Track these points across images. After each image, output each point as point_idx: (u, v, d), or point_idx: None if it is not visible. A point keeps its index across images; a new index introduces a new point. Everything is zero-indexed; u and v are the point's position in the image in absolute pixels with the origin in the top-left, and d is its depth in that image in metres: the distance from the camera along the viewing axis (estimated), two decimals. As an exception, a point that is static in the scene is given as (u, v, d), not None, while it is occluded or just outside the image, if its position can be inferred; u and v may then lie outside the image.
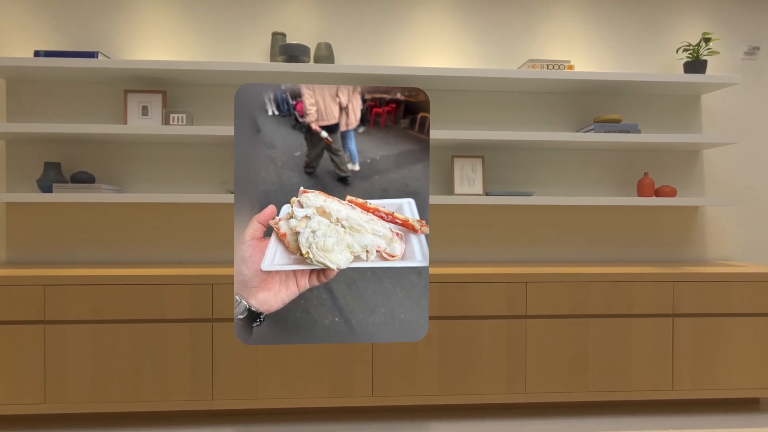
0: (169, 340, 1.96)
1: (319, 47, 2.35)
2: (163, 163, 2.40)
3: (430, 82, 2.35)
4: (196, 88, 2.41)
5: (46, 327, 1.93)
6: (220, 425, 2.02)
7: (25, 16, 2.37)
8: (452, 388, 2.05)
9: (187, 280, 1.97)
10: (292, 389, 2.00)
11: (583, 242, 2.57)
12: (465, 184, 2.39)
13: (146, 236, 2.40)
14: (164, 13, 2.41)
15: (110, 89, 2.38)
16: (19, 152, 2.36)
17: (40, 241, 2.36)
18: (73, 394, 1.93)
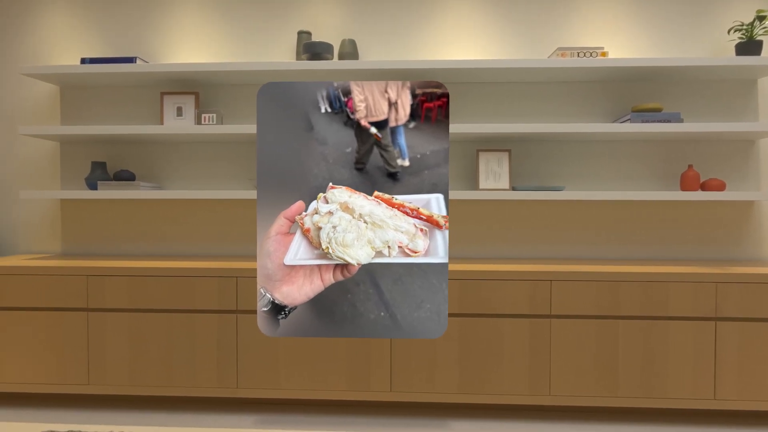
0: (197, 330, 2.06)
1: (343, 44, 2.36)
2: (196, 161, 2.52)
3: (455, 75, 2.31)
4: (226, 89, 2.51)
5: (89, 314, 2.09)
6: (244, 413, 2.10)
7: (72, 26, 2.56)
8: (472, 386, 2.01)
9: (214, 273, 2.06)
10: (312, 381, 2.04)
11: (616, 240, 2.43)
12: (490, 178, 2.33)
13: (180, 230, 2.53)
14: (197, 18, 2.53)
15: (148, 92, 2.52)
16: (71, 153, 2.56)
17: (88, 234, 2.55)
18: (112, 376, 2.08)
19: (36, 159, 2.58)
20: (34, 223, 2.59)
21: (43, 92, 2.57)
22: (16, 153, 2.59)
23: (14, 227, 2.60)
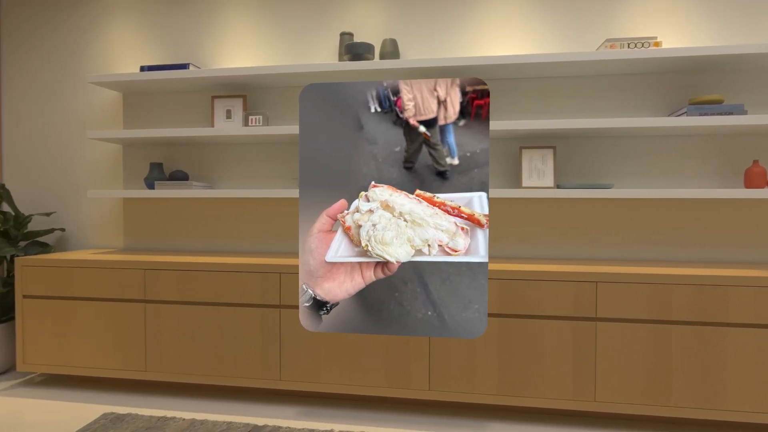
0: (243, 323, 2.15)
1: (384, 44, 2.38)
2: (244, 161, 2.63)
3: (497, 71, 2.27)
4: (272, 91, 2.59)
5: (146, 305, 2.23)
6: (287, 404, 2.17)
7: (132, 37, 2.74)
8: (512, 389, 1.97)
9: (258, 268, 2.14)
10: (351, 376, 2.08)
11: (669, 240, 2.29)
12: (534, 176, 2.26)
13: (229, 227, 2.65)
14: (245, 24, 2.63)
15: (200, 96, 2.66)
16: (133, 154, 2.74)
17: (146, 230, 2.73)
18: (166, 364, 2.22)
19: (101, 161, 2.79)
20: (100, 220, 2.80)
21: (107, 99, 2.77)
22: (84, 155, 2.81)
23: (83, 224, 2.82)
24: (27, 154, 2.87)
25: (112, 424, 1.95)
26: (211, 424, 1.94)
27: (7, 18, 2.87)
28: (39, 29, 2.83)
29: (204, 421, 1.97)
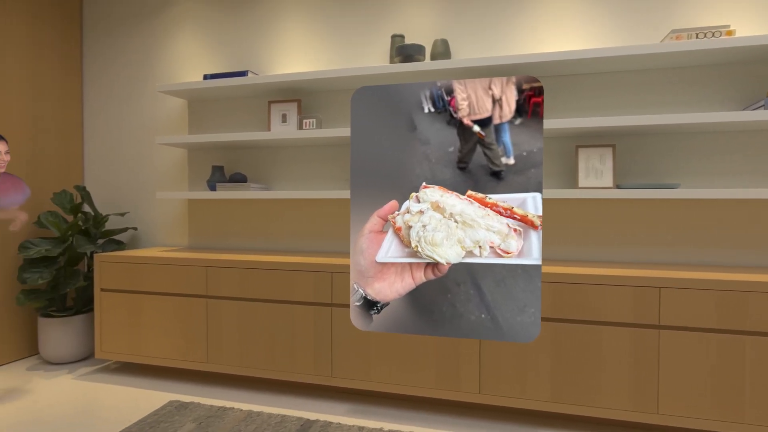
0: (296, 320, 2.23)
1: (436, 44, 2.38)
2: (298, 163, 2.71)
3: (553, 68, 2.20)
4: (325, 94, 2.66)
5: (208, 301, 2.36)
6: (337, 401, 2.22)
7: (196, 47, 2.91)
8: (566, 396, 1.90)
9: (311, 267, 2.20)
10: (401, 376, 2.09)
11: (742, 244, 2.12)
12: (591, 176, 2.17)
13: (284, 227, 2.74)
14: (300, 31, 2.72)
15: (258, 101, 2.77)
16: (197, 158, 2.91)
17: (208, 230, 2.88)
18: (226, 357, 2.33)
19: (169, 164, 2.98)
20: (168, 219, 2.99)
21: (174, 106, 2.96)
22: (153, 159, 3.01)
23: (153, 223, 3.03)
24: (104, 160, 3.12)
25: (177, 411, 2.07)
26: (266, 416, 2.03)
27: (88, 35, 3.13)
28: (115, 44, 3.07)
29: (260, 413, 2.05)
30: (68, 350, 2.68)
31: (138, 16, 3.02)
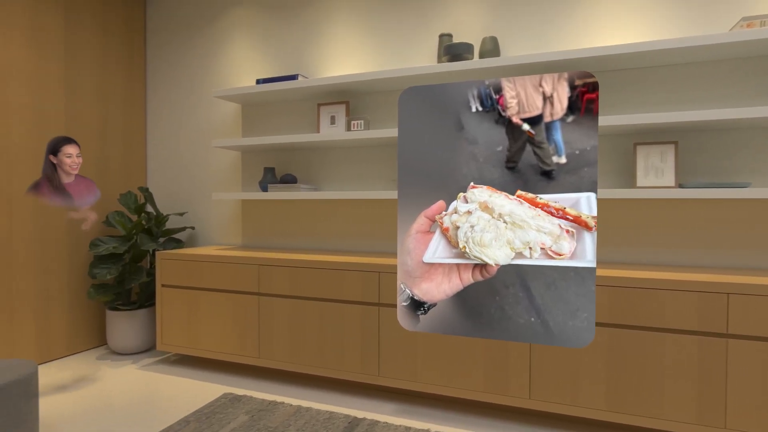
0: (345, 319, 2.26)
1: (484, 42, 2.34)
2: (347, 164, 2.75)
3: (610, 62, 2.11)
4: (373, 96, 2.68)
5: (260, 298, 2.44)
6: (384, 400, 2.23)
7: (249, 52, 3.01)
8: (624, 405, 1.82)
9: (359, 267, 2.23)
10: (448, 378, 2.07)
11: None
12: (651, 175, 2.06)
13: (333, 227, 2.79)
14: (348, 34, 2.75)
15: (307, 103, 2.84)
16: (250, 160, 3.01)
17: (261, 229, 2.98)
18: (277, 352, 2.40)
19: (224, 166, 3.11)
20: (222, 219, 3.12)
21: (228, 111, 3.08)
22: (209, 162, 3.15)
23: (208, 222, 3.17)
24: (165, 162, 3.29)
25: (231, 404, 2.16)
26: (315, 412, 2.07)
27: (150, 45, 3.32)
28: (175, 53, 3.24)
29: (309, 409, 2.10)
30: (132, 342, 2.85)
31: (195, 25, 3.17)
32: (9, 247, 2.52)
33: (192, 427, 1.93)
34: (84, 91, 2.90)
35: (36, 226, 2.64)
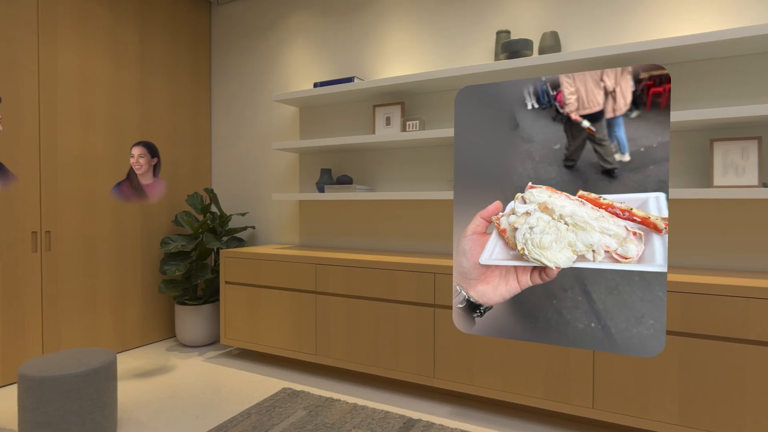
0: (400, 319, 2.26)
1: (544, 37, 2.27)
2: (402, 164, 2.76)
3: (681, 53, 1.98)
4: (428, 96, 2.67)
5: (317, 296, 2.50)
6: (440, 402, 2.21)
7: (307, 56, 3.09)
8: (699, 420, 1.70)
9: (414, 268, 2.23)
10: (506, 383, 2.02)
11: None
12: (730, 173, 1.91)
13: (387, 227, 2.80)
14: (403, 34, 2.76)
15: (363, 105, 2.87)
16: (307, 161, 3.09)
17: (317, 229, 3.05)
18: (333, 350, 2.45)
19: (282, 168, 3.21)
20: (281, 219, 3.22)
21: (287, 114, 3.18)
22: (269, 163, 3.26)
23: (268, 222, 3.28)
24: (228, 164, 3.45)
25: (290, 398, 2.22)
26: (371, 411, 2.09)
27: (215, 53, 3.49)
28: (237, 59, 3.39)
29: (364, 407, 2.12)
30: (198, 335, 3.01)
31: (256, 32, 3.30)
32: (92, 245, 2.73)
33: (253, 420, 2.00)
34: (156, 99, 3.09)
35: (114, 225, 2.85)
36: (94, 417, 1.78)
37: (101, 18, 2.76)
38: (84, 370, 1.76)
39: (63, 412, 1.71)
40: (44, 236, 2.51)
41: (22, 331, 2.43)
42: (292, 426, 1.95)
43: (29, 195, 2.44)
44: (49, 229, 2.52)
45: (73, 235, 2.64)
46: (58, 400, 1.71)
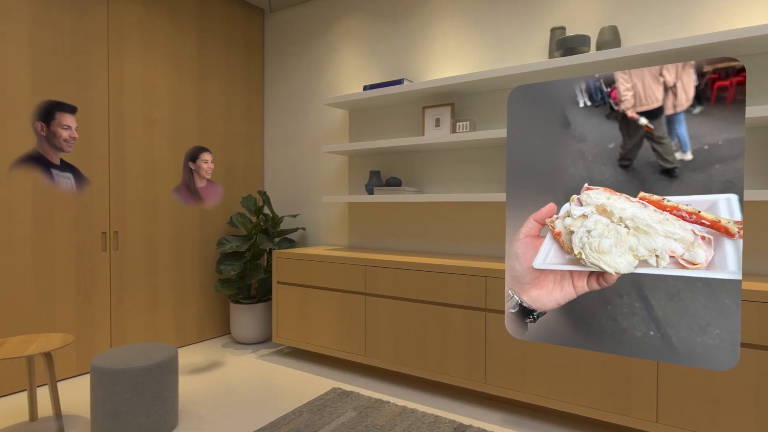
0: (449, 323, 2.24)
1: (602, 33, 2.18)
2: (451, 166, 2.73)
3: (753, 45, 1.84)
4: (478, 96, 2.63)
5: (366, 298, 2.51)
6: (491, 408, 2.17)
7: (356, 59, 3.12)
8: (777, 441, 1.57)
9: (464, 271, 2.20)
10: (560, 391, 1.95)
11: None
12: (814, 173, 1.76)
13: (437, 230, 2.78)
14: (453, 35, 2.73)
15: (412, 107, 2.87)
16: (356, 164, 3.13)
17: (366, 230, 3.07)
18: (382, 352, 2.46)
19: (331, 170, 3.26)
20: (331, 220, 3.27)
21: (336, 117, 3.22)
22: (318, 166, 3.32)
23: (317, 223, 3.34)
24: (280, 167, 3.54)
25: (340, 398, 2.25)
26: (420, 414, 2.08)
27: (268, 58, 3.60)
28: (288, 64, 3.47)
29: (414, 411, 2.11)
30: (252, 333, 3.11)
31: (306, 38, 3.37)
32: (154, 246, 2.88)
33: (305, 418, 2.04)
34: (212, 105, 3.22)
35: (174, 227, 3.00)
36: (157, 409, 1.88)
37: (162, 29, 2.91)
38: (149, 364, 1.86)
39: (130, 404, 1.81)
40: (113, 236, 2.67)
41: (93, 325, 2.60)
42: (342, 426, 1.97)
43: (100, 198, 2.61)
44: (117, 229, 2.69)
45: (137, 236, 2.80)
46: (125, 391, 1.81)
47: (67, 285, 2.48)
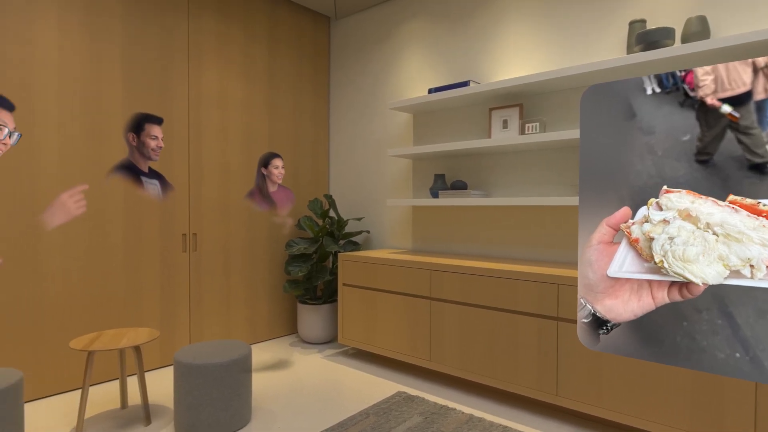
0: (519, 331, 2.17)
1: (689, 24, 2.02)
2: (519, 169, 2.65)
3: None
4: (549, 96, 2.53)
5: (431, 302, 2.50)
6: (563, 422, 2.08)
7: (421, 62, 3.11)
8: None
9: (535, 278, 2.12)
10: (640, 408, 1.83)
11: None
12: None
13: (504, 234, 2.71)
14: (520, 34, 2.65)
15: (478, 109, 2.81)
16: (420, 167, 3.12)
17: (430, 234, 3.06)
18: (448, 357, 2.43)
19: (396, 174, 3.28)
20: (395, 224, 3.29)
21: (400, 121, 3.24)
22: (383, 170, 3.35)
23: (382, 227, 3.37)
24: (345, 171, 3.61)
25: (405, 403, 2.25)
26: (488, 424, 2.03)
27: (333, 65, 3.68)
28: (353, 69, 3.53)
29: (481, 419, 2.07)
30: (318, 333, 3.19)
31: (371, 44, 3.41)
32: (228, 247, 3.04)
33: (372, 421, 2.06)
34: (281, 111, 3.35)
35: (246, 229, 3.14)
36: (233, 404, 1.97)
37: (236, 41, 3.06)
38: (226, 360, 1.96)
39: (210, 398, 1.92)
40: (192, 238, 2.84)
41: (175, 321, 2.78)
42: (409, 431, 1.97)
43: (180, 202, 2.79)
44: (195, 231, 2.86)
45: (213, 238, 2.96)
46: (205, 386, 1.92)
47: (152, 284, 2.68)
